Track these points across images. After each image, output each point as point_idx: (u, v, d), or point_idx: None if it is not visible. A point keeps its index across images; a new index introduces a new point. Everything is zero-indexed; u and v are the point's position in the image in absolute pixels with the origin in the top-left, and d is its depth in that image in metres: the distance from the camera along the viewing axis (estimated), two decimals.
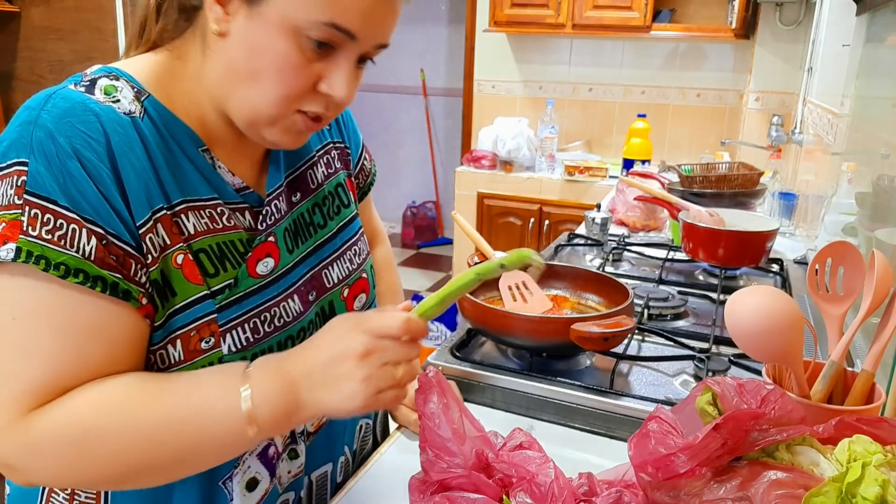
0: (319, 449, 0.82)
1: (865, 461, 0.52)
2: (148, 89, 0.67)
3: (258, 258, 0.72)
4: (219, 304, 0.67)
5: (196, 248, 0.66)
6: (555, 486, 0.62)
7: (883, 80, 1.33)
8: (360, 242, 0.88)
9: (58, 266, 0.58)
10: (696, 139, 3.47)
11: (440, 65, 5.03)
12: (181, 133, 0.68)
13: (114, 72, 0.66)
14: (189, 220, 0.66)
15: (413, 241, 5.14)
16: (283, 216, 0.76)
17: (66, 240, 0.58)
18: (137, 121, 0.64)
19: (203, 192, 0.68)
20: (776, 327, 0.70)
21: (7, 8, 2.80)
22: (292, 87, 0.64)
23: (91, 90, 0.63)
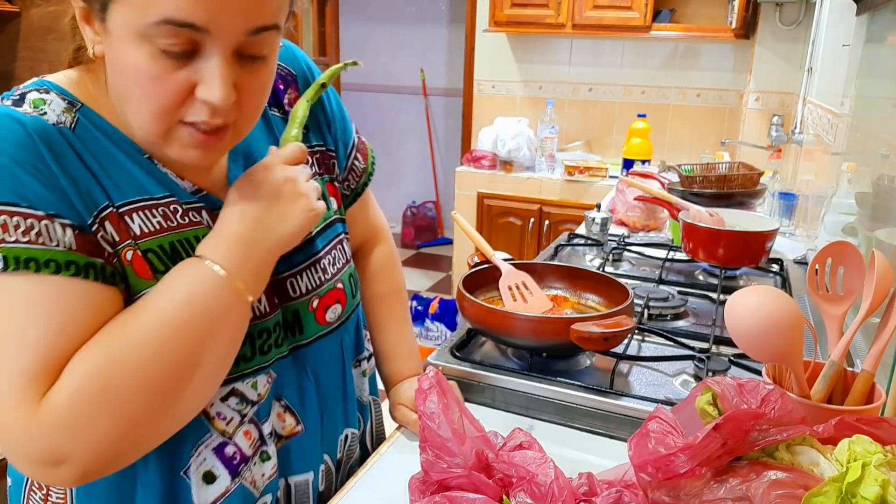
0: (295, 455, 0.80)
1: (865, 461, 0.52)
2: (81, 100, 0.66)
3: None
4: None
5: (144, 249, 0.66)
6: (555, 486, 0.62)
7: (883, 80, 1.33)
8: (336, 251, 0.85)
9: (47, 263, 0.58)
10: (696, 139, 3.48)
11: (440, 65, 5.03)
12: (121, 141, 0.67)
13: (45, 85, 0.66)
14: (135, 221, 0.66)
15: (413, 241, 5.15)
16: None
17: (45, 236, 0.58)
18: (65, 130, 0.63)
19: (155, 192, 0.68)
20: (776, 327, 0.70)
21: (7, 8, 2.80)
22: (160, 100, 0.59)
23: (20, 104, 0.63)
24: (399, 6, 4.97)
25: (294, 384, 0.80)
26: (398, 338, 0.99)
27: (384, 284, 1.00)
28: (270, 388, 0.76)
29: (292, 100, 0.85)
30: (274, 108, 0.83)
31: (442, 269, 4.70)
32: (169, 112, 0.60)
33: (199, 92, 0.60)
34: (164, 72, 0.58)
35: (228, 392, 0.72)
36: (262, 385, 0.75)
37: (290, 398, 0.79)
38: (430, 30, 4.97)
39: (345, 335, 0.87)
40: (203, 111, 0.61)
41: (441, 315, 3.26)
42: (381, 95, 5.22)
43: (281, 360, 0.77)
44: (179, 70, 0.59)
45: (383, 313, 0.99)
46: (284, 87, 0.85)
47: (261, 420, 0.75)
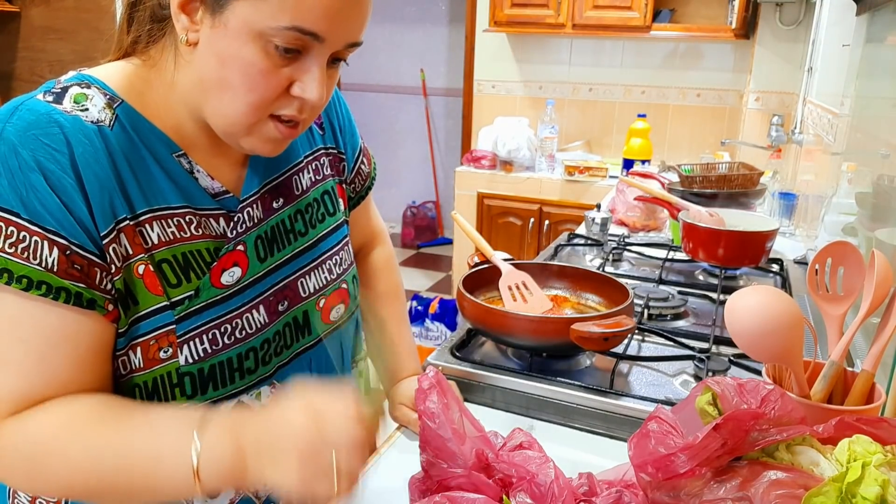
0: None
1: (865, 461, 0.52)
2: (122, 96, 0.67)
3: (224, 268, 0.71)
4: (178, 315, 0.67)
5: (158, 259, 0.67)
6: (555, 486, 0.62)
7: (883, 80, 1.33)
8: (342, 252, 0.86)
9: (20, 279, 0.59)
10: (696, 139, 3.47)
11: (440, 65, 5.03)
12: (154, 139, 0.68)
13: (86, 79, 0.66)
14: (153, 231, 0.67)
15: (413, 241, 5.15)
16: (256, 224, 0.75)
17: (29, 252, 0.59)
18: (105, 130, 0.64)
19: (172, 201, 0.68)
20: (776, 327, 0.70)
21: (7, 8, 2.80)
22: (262, 93, 0.63)
23: (60, 99, 0.63)
24: (399, 6, 4.96)
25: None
26: (398, 337, 1.00)
27: (383, 285, 1.01)
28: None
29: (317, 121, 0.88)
30: None
31: (442, 269, 4.70)
32: (266, 105, 0.64)
33: (295, 89, 0.64)
34: (273, 67, 0.62)
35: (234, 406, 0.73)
36: (265, 396, 0.75)
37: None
38: (430, 30, 4.97)
39: (345, 336, 0.87)
40: (293, 106, 0.66)
41: (441, 315, 3.26)
42: (381, 95, 5.22)
43: (283, 367, 0.78)
44: (284, 68, 0.63)
45: (383, 313, 1.00)
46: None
47: None
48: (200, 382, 0.70)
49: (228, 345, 0.71)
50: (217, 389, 0.71)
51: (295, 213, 0.81)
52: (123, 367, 0.67)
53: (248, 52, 0.61)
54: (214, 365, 0.70)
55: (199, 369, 0.69)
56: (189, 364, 0.68)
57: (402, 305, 1.04)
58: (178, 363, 0.68)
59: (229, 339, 0.71)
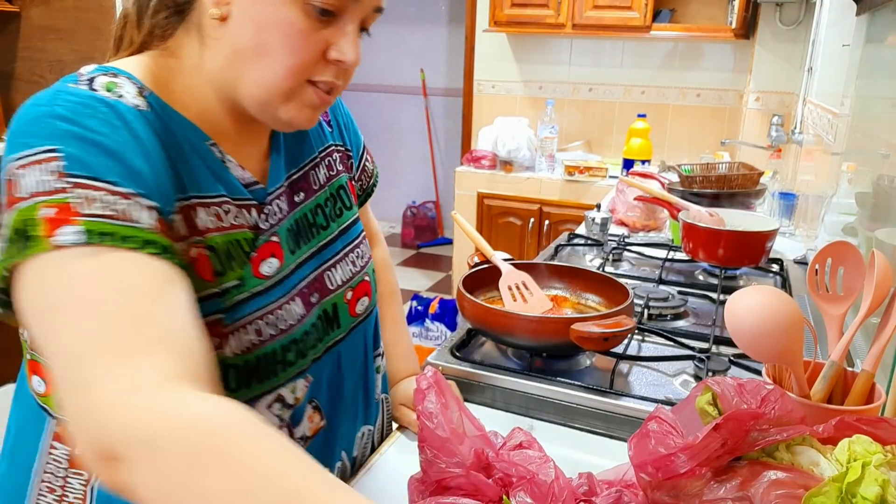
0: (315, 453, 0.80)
1: (865, 461, 0.52)
2: (147, 86, 0.65)
3: (262, 258, 0.70)
4: (226, 303, 0.66)
5: (209, 244, 0.65)
6: (555, 486, 0.62)
7: (883, 80, 1.33)
8: (362, 245, 0.87)
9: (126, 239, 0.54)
10: (696, 139, 3.47)
11: (440, 65, 5.03)
12: (186, 128, 0.67)
13: (111, 70, 0.64)
14: (199, 216, 0.65)
15: (413, 241, 5.14)
16: (285, 216, 0.75)
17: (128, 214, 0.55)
18: (146, 114, 0.63)
19: (211, 189, 0.67)
20: (776, 327, 0.70)
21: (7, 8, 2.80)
22: (303, 55, 0.64)
23: (91, 87, 0.61)
24: (399, 6, 4.96)
25: (326, 385, 0.80)
26: (396, 338, 1.00)
27: (381, 286, 1.01)
28: (307, 392, 0.76)
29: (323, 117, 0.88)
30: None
31: (442, 269, 4.70)
32: (305, 68, 0.65)
33: (332, 53, 0.65)
34: (313, 29, 0.63)
35: (274, 398, 0.72)
36: (300, 389, 0.75)
37: (321, 399, 0.79)
38: (430, 30, 4.97)
39: (368, 328, 0.88)
40: (330, 72, 0.66)
41: (441, 315, 3.25)
42: (381, 95, 5.22)
43: (316, 361, 0.77)
44: (322, 30, 0.64)
45: (381, 314, 1.00)
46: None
47: (295, 425, 0.75)
48: (246, 375, 0.68)
49: (273, 336, 0.70)
50: (260, 383, 0.70)
51: (315, 207, 0.81)
52: None
53: (287, 13, 0.62)
54: (259, 357, 0.68)
55: (245, 361, 0.67)
56: (235, 356, 0.67)
57: (398, 306, 1.04)
58: (224, 354, 0.66)
59: (273, 330, 0.70)
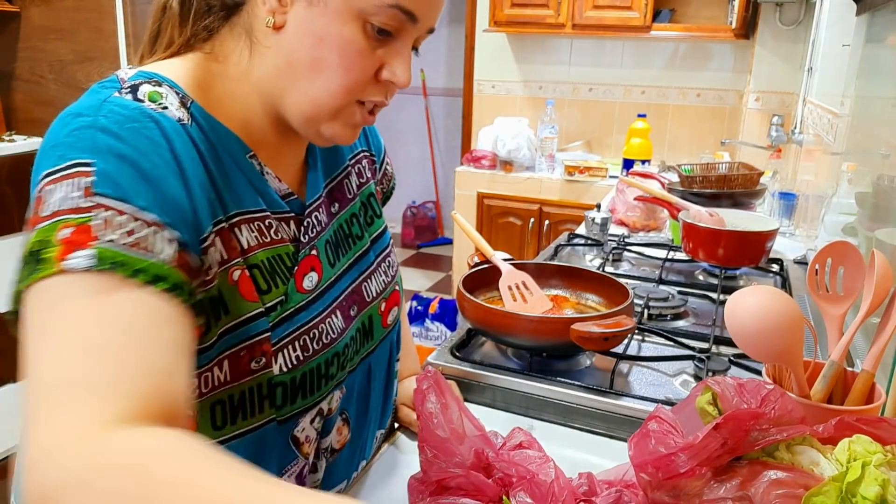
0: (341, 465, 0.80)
1: (865, 461, 0.52)
2: (190, 94, 0.63)
3: (303, 272, 0.69)
4: (272, 321, 0.65)
5: (251, 263, 0.64)
6: (555, 486, 0.62)
7: (883, 80, 1.33)
8: (391, 255, 0.86)
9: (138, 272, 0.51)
10: (696, 139, 3.47)
11: (440, 65, 5.03)
12: (228, 139, 0.64)
13: (155, 77, 0.62)
14: (243, 234, 0.64)
15: (413, 241, 5.15)
16: (324, 228, 0.74)
17: (147, 244, 0.52)
18: (189, 128, 0.60)
19: (252, 204, 0.65)
20: (776, 327, 0.70)
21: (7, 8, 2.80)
22: (357, 75, 0.63)
23: (135, 96, 0.59)
24: None
25: (356, 396, 0.79)
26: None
27: None
28: (340, 403, 0.76)
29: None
30: None
31: (442, 269, 4.70)
32: (359, 87, 0.64)
33: (385, 73, 0.64)
34: (370, 48, 0.62)
35: (316, 412, 0.72)
36: (335, 400, 0.75)
37: (350, 410, 0.79)
38: None
39: (393, 336, 0.87)
40: (381, 92, 0.66)
41: (441, 315, 3.25)
42: None
43: (351, 373, 0.77)
44: (378, 50, 0.63)
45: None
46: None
47: (325, 434, 0.75)
48: (292, 392, 0.67)
49: (317, 351, 0.69)
50: (305, 398, 0.69)
51: (350, 217, 0.80)
52: (205, 385, 0.61)
53: (347, 31, 0.61)
54: (306, 373, 0.68)
55: (292, 378, 0.67)
56: (283, 373, 0.66)
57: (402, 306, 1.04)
58: (271, 373, 0.64)
59: (318, 344, 0.69)
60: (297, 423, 0.70)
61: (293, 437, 0.70)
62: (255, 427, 0.66)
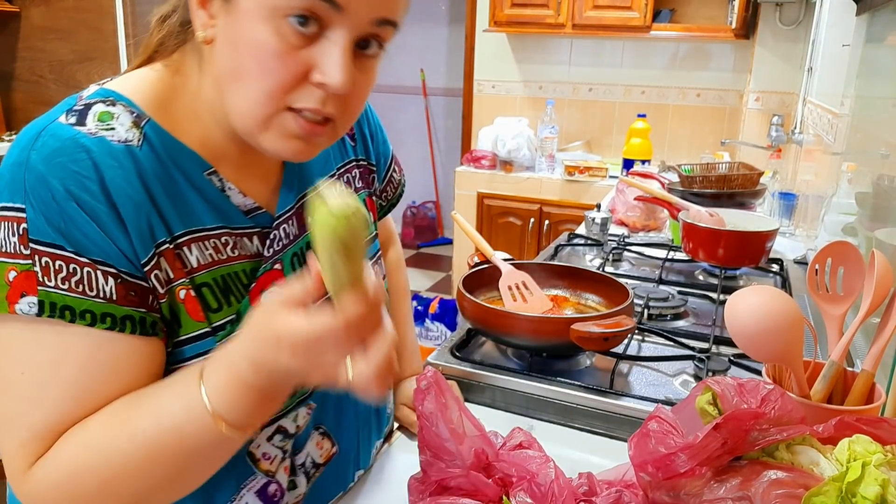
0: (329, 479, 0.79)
1: (865, 461, 0.52)
2: (148, 111, 0.63)
3: (262, 289, 0.68)
4: (220, 340, 0.64)
5: (199, 283, 0.64)
6: (555, 486, 0.62)
7: (883, 80, 1.33)
8: (377, 266, 0.84)
9: (83, 314, 0.56)
10: (696, 139, 3.47)
11: (440, 65, 5.03)
12: (184, 158, 0.64)
13: (111, 96, 0.62)
14: (192, 253, 0.63)
15: (413, 241, 5.15)
16: (292, 241, 0.73)
17: (85, 285, 0.56)
18: (134, 150, 0.60)
19: (207, 221, 0.65)
20: (776, 327, 0.70)
21: (7, 8, 2.80)
22: (276, 78, 0.57)
23: (83, 119, 0.59)
24: None
25: (333, 409, 0.78)
26: (401, 337, 1.00)
27: (393, 284, 1.01)
28: (310, 419, 0.75)
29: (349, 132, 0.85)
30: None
31: (442, 269, 4.70)
32: (282, 92, 0.58)
33: (315, 76, 0.58)
34: (288, 49, 0.57)
35: (274, 430, 0.71)
36: (301, 417, 0.74)
37: (328, 423, 0.78)
38: (430, 30, 4.97)
39: None
40: (314, 98, 0.59)
41: (441, 315, 3.26)
42: (381, 95, 5.22)
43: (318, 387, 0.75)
44: (301, 50, 0.57)
45: (390, 312, 1.00)
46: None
47: (297, 451, 0.74)
48: None
49: None
50: None
51: None
52: None
53: (258, 33, 0.56)
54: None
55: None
56: None
57: (408, 305, 1.04)
58: None
59: None
60: (253, 440, 0.69)
61: (249, 453, 0.69)
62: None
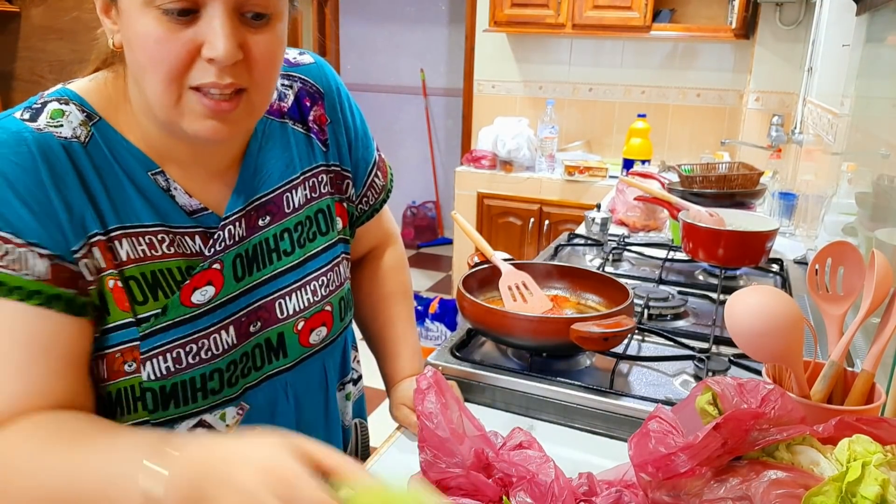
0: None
1: (865, 461, 0.52)
2: (101, 113, 0.67)
3: (196, 286, 0.71)
4: (143, 332, 0.68)
5: (127, 276, 0.67)
6: (555, 486, 0.62)
7: (883, 80, 1.33)
8: (331, 273, 0.84)
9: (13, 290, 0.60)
10: (696, 139, 3.47)
11: (440, 65, 5.03)
12: (130, 158, 0.68)
13: (66, 95, 0.67)
14: (122, 248, 0.67)
15: (413, 241, 5.15)
16: (237, 241, 0.74)
17: (19, 263, 0.60)
18: (76, 147, 0.65)
19: (145, 219, 0.68)
20: (776, 327, 0.70)
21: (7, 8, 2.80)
22: (168, 63, 0.60)
23: (37, 116, 0.64)
24: (399, 6, 4.96)
25: (269, 414, 0.79)
26: (403, 337, 1.00)
27: (393, 285, 1.01)
28: (241, 420, 0.76)
29: (317, 117, 0.84)
30: (297, 124, 0.83)
31: (442, 269, 4.70)
32: (177, 75, 0.61)
33: (204, 51, 0.60)
34: (170, 33, 0.59)
35: (196, 423, 0.72)
36: (230, 417, 0.75)
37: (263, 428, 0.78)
38: (430, 30, 4.97)
39: (328, 358, 0.86)
40: (210, 72, 0.61)
41: (441, 315, 3.26)
42: (381, 95, 5.22)
43: (250, 389, 0.77)
44: (184, 30, 0.59)
45: (390, 312, 1.00)
46: (311, 104, 0.84)
47: None
48: (162, 399, 0.70)
49: (192, 364, 0.71)
50: (178, 407, 0.71)
51: (282, 231, 0.79)
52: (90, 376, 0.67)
53: (141, 25, 0.60)
54: (177, 383, 0.70)
55: (161, 386, 0.69)
56: (151, 381, 0.68)
57: (409, 305, 1.04)
58: (140, 378, 0.68)
59: (193, 359, 0.71)
60: (173, 429, 0.72)
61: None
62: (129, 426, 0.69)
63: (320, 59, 0.87)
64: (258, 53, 0.63)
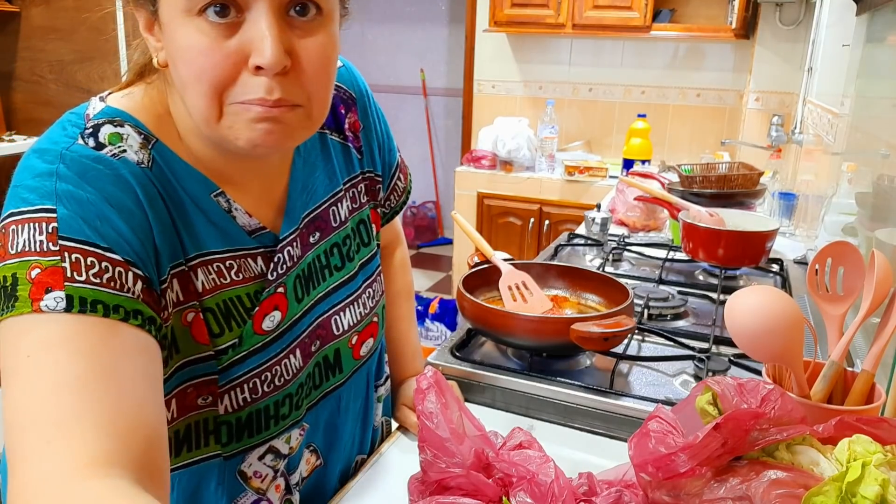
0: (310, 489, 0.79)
1: (865, 461, 0.52)
2: (155, 133, 0.62)
3: (265, 313, 0.68)
4: (221, 365, 0.64)
5: (206, 307, 0.63)
6: (555, 486, 0.62)
7: (883, 80, 1.33)
8: (376, 283, 0.83)
9: (116, 309, 0.53)
10: (696, 139, 3.47)
11: (440, 65, 5.03)
12: (191, 180, 0.63)
13: (118, 115, 0.61)
14: (199, 277, 0.63)
15: (413, 241, 5.15)
16: (296, 262, 0.71)
17: (116, 282, 0.54)
18: (147, 171, 0.60)
19: (213, 245, 0.64)
20: (776, 327, 0.70)
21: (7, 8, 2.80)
22: (211, 74, 0.55)
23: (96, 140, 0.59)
24: (399, 6, 4.96)
25: (323, 429, 0.79)
26: (404, 337, 1.00)
27: (398, 285, 1.01)
28: (303, 440, 0.76)
29: (352, 124, 0.81)
30: (335, 133, 0.79)
31: (442, 269, 4.70)
32: (221, 87, 0.56)
33: (251, 60, 0.55)
34: (214, 43, 0.55)
35: (266, 450, 0.71)
36: (294, 439, 0.74)
37: (317, 441, 0.78)
38: (430, 30, 4.97)
39: (371, 365, 0.86)
40: (259, 86, 0.56)
41: (441, 315, 3.26)
42: (381, 95, 5.20)
43: (311, 409, 0.76)
44: (227, 40, 0.55)
45: (393, 313, 1.00)
46: (346, 111, 0.81)
47: (291, 472, 0.75)
48: (237, 430, 0.67)
49: (267, 392, 0.68)
50: (252, 437, 0.69)
51: (331, 246, 0.76)
52: None
53: (183, 38, 0.55)
54: (252, 413, 0.68)
55: (238, 418, 0.67)
56: (228, 413, 0.66)
57: (411, 306, 1.04)
58: (216, 412, 0.65)
59: (268, 387, 0.69)
60: (244, 459, 0.70)
61: (240, 472, 0.70)
62: (199, 460, 0.67)
63: (346, 61, 0.83)
64: (308, 60, 0.57)
